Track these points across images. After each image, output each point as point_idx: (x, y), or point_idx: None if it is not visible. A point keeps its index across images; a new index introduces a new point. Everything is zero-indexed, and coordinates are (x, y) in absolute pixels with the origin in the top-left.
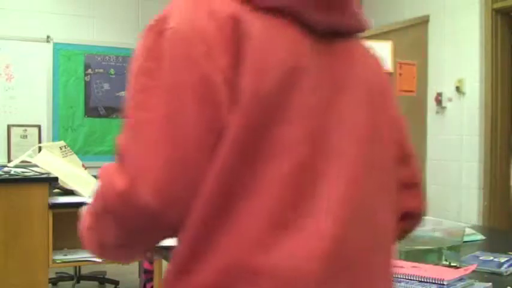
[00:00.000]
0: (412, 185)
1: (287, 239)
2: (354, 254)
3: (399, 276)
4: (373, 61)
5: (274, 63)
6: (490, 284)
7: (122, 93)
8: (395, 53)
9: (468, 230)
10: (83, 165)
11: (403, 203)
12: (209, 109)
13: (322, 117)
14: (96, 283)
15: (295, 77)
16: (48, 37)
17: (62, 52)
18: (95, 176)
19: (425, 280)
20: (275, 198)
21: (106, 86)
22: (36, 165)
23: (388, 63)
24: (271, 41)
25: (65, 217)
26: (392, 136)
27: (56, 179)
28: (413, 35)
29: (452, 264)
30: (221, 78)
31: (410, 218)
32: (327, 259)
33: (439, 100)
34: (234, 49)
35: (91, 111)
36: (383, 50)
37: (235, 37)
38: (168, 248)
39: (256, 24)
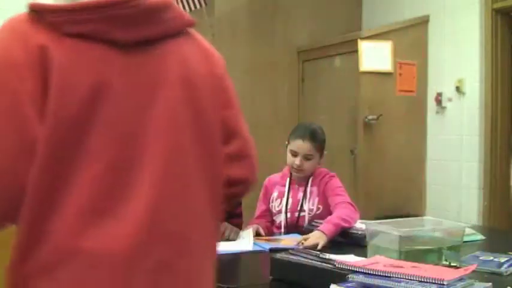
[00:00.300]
0: (241, 157)
1: (101, 226)
2: (165, 234)
3: (399, 276)
4: (200, 53)
5: (77, 84)
6: (490, 284)
7: None
8: (395, 53)
9: (468, 230)
10: None
11: (232, 172)
12: (18, 124)
13: (135, 120)
14: None
15: (101, 92)
16: None
17: None
18: None
19: (425, 280)
20: (88, 195)
21: None
22: None
23: (388, 63)
24: (76, 64)
25: None
26: (218, 117)
27: None
28: (413, 35)
29: (452, 264)
30: (28, 99)
31: (239, 184)
32: (136, 241)
33: (439, 100)
34: (42, 74)
35: None
36: (383, 50)
37: (42, 63)
38: None
39: (63, 50)
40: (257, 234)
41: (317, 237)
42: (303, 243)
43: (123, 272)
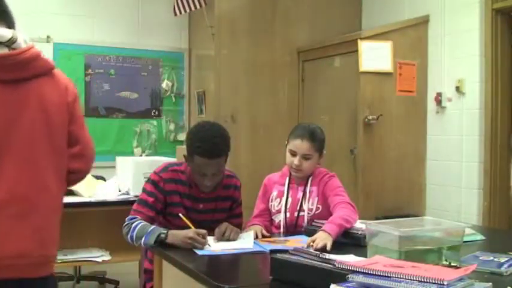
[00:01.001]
0: (80, 156)
1: None
2: (21, 196)
3: (399, 276)
4: (56, 87)
5: None
6: (490, 284)
7: (122, 94)
8: (395, 53)
9: (468, 230)
10: None
11: (72, 165)
12: None
13: (6, 129)
14: (96, 283)
15: None
16: (48, 37)
17: (62, 52)
18: (95, 176)
19: (425, 280)
20: None
21: (106, 86)
22: None
23: (388, 63)
24: None
25: (65, 217)
26: (65, 128)
27: None
28: (413, 35)
29: (452, 264)
30: None
31: (76, 173)
32: (4, 199)
33: (439, 100)
34: None
35: (91, 111)
36: (383, 50)
37: None
38: None
39: None
40: (262, 236)
41: (324, 239)
42: (312, 245)
43: None
